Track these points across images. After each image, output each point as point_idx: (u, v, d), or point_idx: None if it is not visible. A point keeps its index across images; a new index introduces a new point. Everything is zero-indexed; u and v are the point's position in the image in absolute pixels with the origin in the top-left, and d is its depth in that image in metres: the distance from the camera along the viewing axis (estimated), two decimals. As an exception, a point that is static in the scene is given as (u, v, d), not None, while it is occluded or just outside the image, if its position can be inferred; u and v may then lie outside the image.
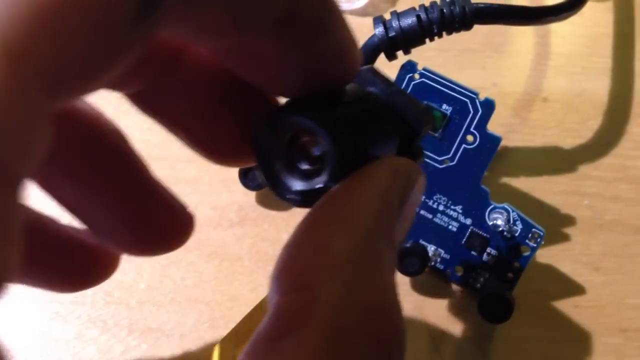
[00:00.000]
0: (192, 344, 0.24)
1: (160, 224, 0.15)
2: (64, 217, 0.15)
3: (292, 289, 0.11)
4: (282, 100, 0.14)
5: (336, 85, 0.13)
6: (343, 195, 0.12)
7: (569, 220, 0.26)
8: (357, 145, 0.12)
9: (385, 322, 0.11)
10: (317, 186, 0.13)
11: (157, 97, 0.14)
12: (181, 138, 0.14)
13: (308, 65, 0.12)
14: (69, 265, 0.16)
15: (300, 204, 0.13)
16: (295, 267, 0.11)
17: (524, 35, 0.30)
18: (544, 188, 0.27)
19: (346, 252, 0.11)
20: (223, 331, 0.24)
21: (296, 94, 0.13)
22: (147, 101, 0.14)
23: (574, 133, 0.28)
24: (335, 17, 0.12)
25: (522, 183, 0.27)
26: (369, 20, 0.23)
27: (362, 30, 0.13)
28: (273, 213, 0.26)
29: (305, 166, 0.13)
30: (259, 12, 0.11)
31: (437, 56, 0.28)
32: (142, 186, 0.15)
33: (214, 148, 0.14)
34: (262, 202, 0.26)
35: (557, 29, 0.30)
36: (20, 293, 0.20)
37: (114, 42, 0.09)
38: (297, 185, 0.13)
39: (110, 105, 0.15)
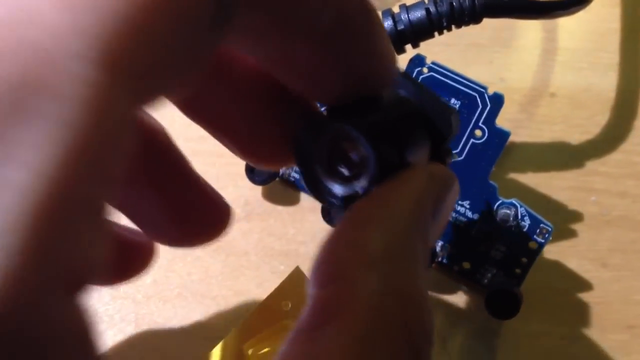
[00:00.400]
0: (199, 339, 0.24)
1: (202, 215, 0.16)
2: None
3: (329, 282, 0.11)
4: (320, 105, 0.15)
5: (374, 91, 0.14)
6: (381, 198, 0.12)
7: (576, 216, 0.26)
8: (396, 151, 0.13)
9: (416, 315, 0.11)
10: (357, 190, 0.13)
11: (203, 102, 0.14)
12: (223, 141, 0.15)
13: (349, 73, 0.13)
14: (110, 259, 0.16)
15: (340, 207, 0.14)
16: (333, 262, 0.11)
17: (531, 30, 0.29)
18: (551, 184, 0.27)
19: (382, 248, 0.11)
20: (229, 326, 0.24)
21: (336, 100, 0.14)
22: (193, 107, 0.14)
23: (581, 129, 0.28)
24: (376, 27, 0.13)
25: (529, 179, 0.27)
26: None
27: (371, 24, 0.13)
28: (279, 208, 0.26)
29: (344, 170, 0.14)
30: (308, 24, 0.11)
31: (444, 51, 0.28)
32: (186, 180, 0.16)
33: (255, 151, 0.15)
34: (269, 197, 0.26)
35: (564, 24, 0.30)
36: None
37: (193, 49, 0.10)
38: (337, 189, 0.14)
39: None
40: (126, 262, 0.17)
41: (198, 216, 0.16)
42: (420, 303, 0.12)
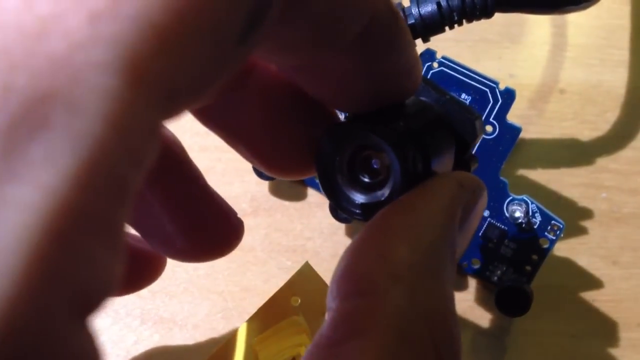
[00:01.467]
0: (205, 334, 0.24)
1: (213, 230, 0.16)
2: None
3: (354, 295, 0.11)
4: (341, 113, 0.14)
5: (399, 99, 0.14)
6: (408, 207, 0.12)
7: (587, 213, 0.26)
8: (421, 160, 0.13)
9: (444, 331, 0.11)
10: (379, 198, 0.13)
11: (221, 110, 0.14)
12: (241, 151, 0.14)
13: (376, 81, 0.13)
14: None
15: (361, 216, 0.13)
16: (358, 274, 0.11)
17: (540, 26, 0.29)
18: (561, 180, 0.26)
19: (410, 261, 0.11)
20: (236, 321, 0.24)
21: (360, 108, 0.13)
22: (211, 116, 0.14)
23: (592, 125, 0.27)
24: (404, 35, 0.12)
25: (539, 175, 0.26)
26: (388, 8, 0.23)
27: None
28: (286, 203, 0.26)
29: (366, 179, 0.13)
30: (338, 32, 0.11)
31: (453, 46, 0.28)
32: (198, 194, 0.15)
33: (274, 161, 0.14)
34: (275, 192, 0.26)
35: (574, 20, 0.29)
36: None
37: (220, 62, 0.09)
38: (359, 198, 0.13)
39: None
40: (137, 272, 0.17)
41: (210, 231, 0.16)
42: (446, 317, 0.11)
